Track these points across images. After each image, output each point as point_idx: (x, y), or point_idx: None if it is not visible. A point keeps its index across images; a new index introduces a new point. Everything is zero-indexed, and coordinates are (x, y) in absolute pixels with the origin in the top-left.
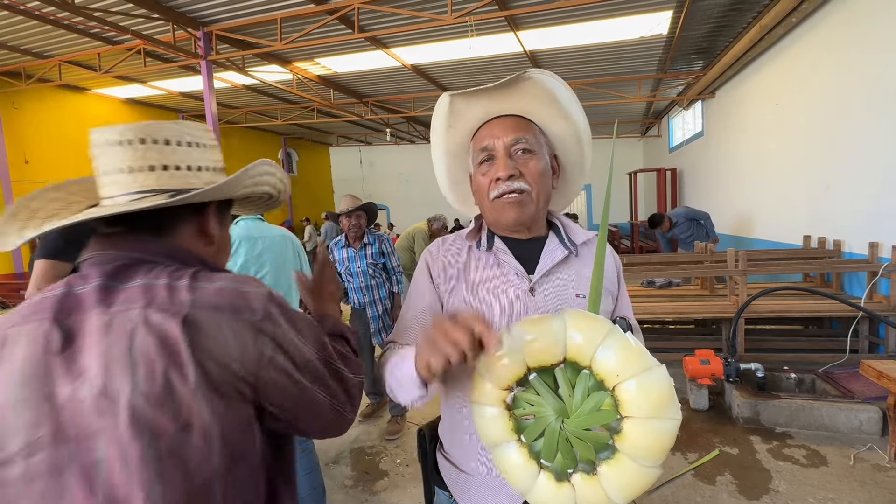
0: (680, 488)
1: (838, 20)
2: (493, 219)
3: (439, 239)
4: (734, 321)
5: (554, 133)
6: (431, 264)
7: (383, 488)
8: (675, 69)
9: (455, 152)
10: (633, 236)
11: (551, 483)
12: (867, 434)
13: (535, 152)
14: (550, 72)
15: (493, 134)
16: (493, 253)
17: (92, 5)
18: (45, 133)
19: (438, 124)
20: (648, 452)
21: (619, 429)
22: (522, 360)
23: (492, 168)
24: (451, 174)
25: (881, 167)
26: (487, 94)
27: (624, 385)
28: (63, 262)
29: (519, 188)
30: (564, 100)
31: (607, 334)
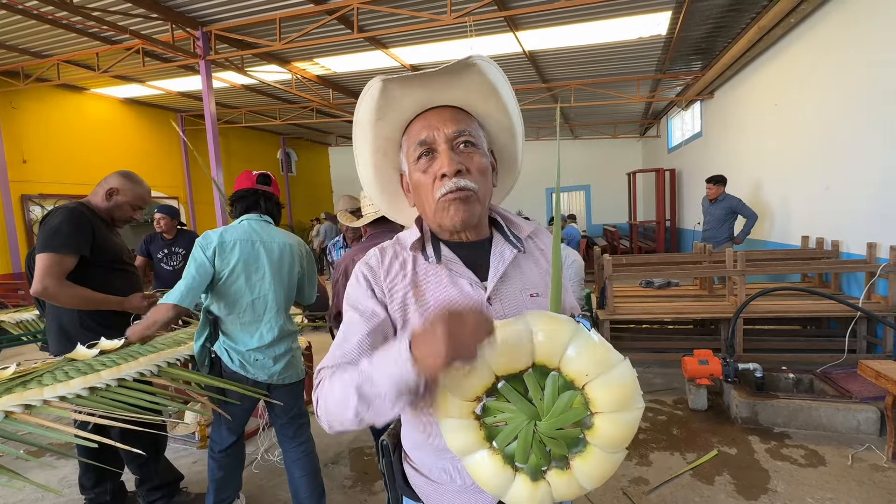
0: (678, 488)
1: (837, 21)
2: (437, 221)
3: (376, 249)
4: (733, 321)
5: (492, 126)
6: (374, 280)
7: (382, 488)
8: (673, 70)
9: (384, 148)
10: (631, 237)
11: (527, 484)
12: (865, 434)
13: (478, 146)
14: (490, 59)
15: (432, 125)
16: (443, 264)
17: (90, 5)
18: (44, 133)
19: (364, 115)
20: (617, 442)
21: (589, 424)
22: (489, 370)
23: (434, 163)
24: (380, 173)
25: (879, 168)
26: (426, 80)
27: (593, 383)
28: (68, 255)
29: (466, 186)
30: (504, 93)
31: (573, 335)
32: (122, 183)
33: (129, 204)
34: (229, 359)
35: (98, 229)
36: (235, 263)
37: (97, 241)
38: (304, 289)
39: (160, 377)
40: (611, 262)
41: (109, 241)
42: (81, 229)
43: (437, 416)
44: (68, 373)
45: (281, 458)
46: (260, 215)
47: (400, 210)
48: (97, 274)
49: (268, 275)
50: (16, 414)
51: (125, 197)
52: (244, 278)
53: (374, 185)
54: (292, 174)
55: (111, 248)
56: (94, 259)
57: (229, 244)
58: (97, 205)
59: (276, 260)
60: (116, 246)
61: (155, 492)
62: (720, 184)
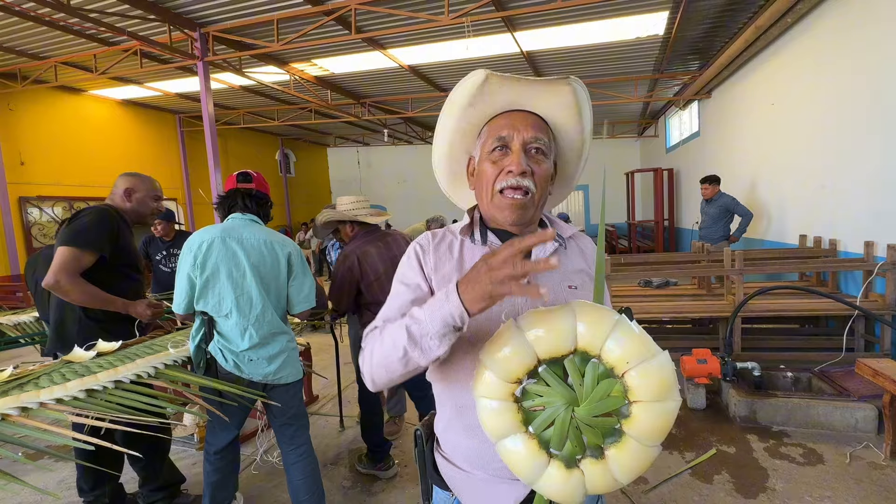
0: (677, 487)
1: (833, 20)
2: (491, 214)
3: (429, 233)
4: (731, 320)
5: (564, 142)
6: (423, 257)
7: (381, 489)
8: (671, 69)
9: (465, 131)
10: (630, 236)
11: (561, 471)
12: (863, 432)
13: (547, 155)
14: (583, 84)
15: (514, 125)
16: (488, 247)
17: (88, 6)
18: (41, 134)
19: (459, 98)
20: (654, 433)
21: (627, 413)
22: (533, 353)
23: (505, 159)
24: (452, 151)
25: (876, 166)
26: (523, 84)
27: (633, 372)
28: (89, 252)
29: (527, 187)
30: (586, 116)
31: (616, 324)
32: (133, 181)
33: (148, 197)
34: (224, 359)
35: (122, 233)
36: (211, 263)
37: (119, 244)
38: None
39: (157, 379)
40: (609, 262)
41: (129, 245)
42: (107, 231)
43: (476, 393)
44: (65, 375)
45: (280, 459)
46: (243, 214)
47: (456, 188)
48: (109, 276)
49: (248, 273)
50: (12, 417)
51: (142, 192)
52: (224, 277)
53: (444, 160)
54: (291, 175)
55: (129, 253)
56: (111, 262)
57: (206, 244)
58: (120, 207)
59: (256, 258)
60: (134, 251)
61: (156, 493)
62: (714, 183)
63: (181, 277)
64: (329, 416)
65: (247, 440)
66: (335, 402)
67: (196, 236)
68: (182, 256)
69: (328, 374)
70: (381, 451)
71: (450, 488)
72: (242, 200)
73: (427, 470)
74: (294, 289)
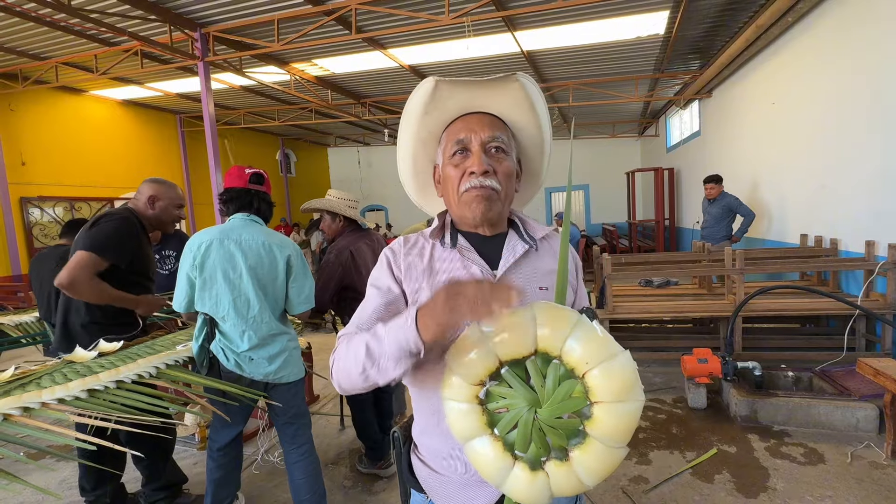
0: (678, 487)
1: (834, 19)
2: (460, 213)
3: (401, 238)
4: (731, 320)
5: (524, 139)
6: (393, 261)
7: (382, 489)
8: (671, 69)
9: (425, 140)
10: (631, 236)
11: (525, 473)
12: (864, 432)
13: (507, 153)
14: (533, 79)
15: (471, 128)
16: (457, 250)
17: (88, 7)
18: (42, 135)
19: (414, 108)
20: (617, 434)
21: (589, 414)
22: (494, 355)
23: (465, 161)
24: (416, 162)
25: (877, 166)
26: (473, 87)
27: (593, 372)
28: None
29: (490, 185)
30: (541, 111)
31: (575, 325)
32: (157, 189)
33: (171, 205)
34: (225, 358)
35: (142, 242)
36: (209, 265)
37: (138, 253)
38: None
39: (159, 379)
40: (610, 262)
41: (147, 255)
42: (129, 241)
43: (443, 395)
44: (67, 375)
45: (281, 458)
46: (248, 215)
47: (426, 197)
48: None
49: (245, 274)
50: (14, 416)
51: (166, 200)
52: (221, 279)
53: (410, 171)
54: (291, 175)
55: (143, 261)
56: (127, 270)
57: (205, 245)
58: (142, 213)
59: (254, 260)
60: (148, 262)
61: (158, 492)
62: (718, 183)
63: (181, 277)
64: (330, 415)
65: (248, 440)
66: (336, 401)
67: (196, 237)
68: (183, 257)
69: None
70: (378, 448)
71: (425, 491)
72: (258, 203)
73: (403, 472)
74: (294, 290)
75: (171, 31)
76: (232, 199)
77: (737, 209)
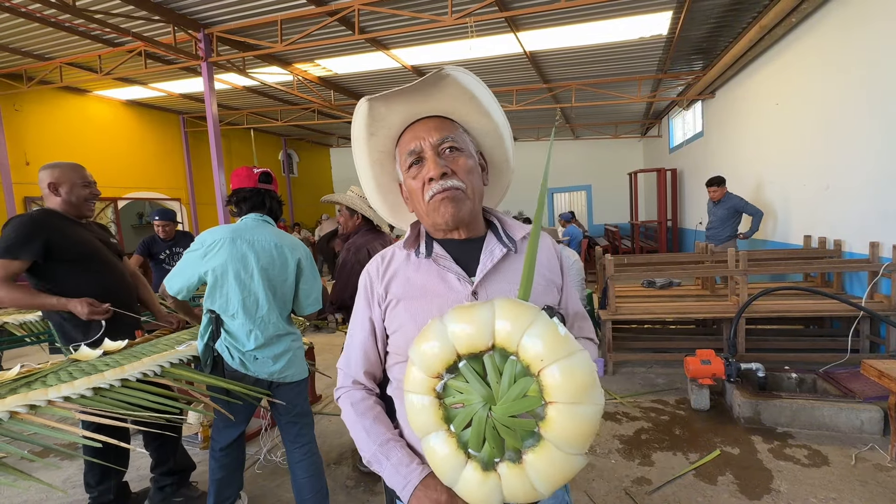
0: (681, 488)
1: (838, 20)
2: (431, 221)
3: (378, 256)
4: (735, 321)
5: (476, 131)
6: (370, 286)
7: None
8: (674, 69)
9: (381, 161)
10: (633, 236)
11: (478, 473)
12: (868, 434)
13: (462, 150)
14: (465, 69)
15: (419, 135)
16: (432, 259)
17: (93, 7)
18: (47, 135)
19: (359, 133)
20: (572, 438)
21: (543, 415)
22: (452, 347)
23: (422, 169)
24: (380, 184)
25: (881, 167)
26: (407, 95)
27: (548, 370)
28: (14, 261)
29: (453, 185)
30: (483, 97)
31: (533, 320)
32: (54, 174)
33: (75, 186)
34: (230, 356)
35: (58, 230)
36: (220, 263)
37: (53, 243)
38: (298, 293)
39: (164, 377)
40: (612, 262)
41: (73, 240)
42: (28, 236)
43: (405, 388)
44: (72, 373)
45: (284, 458)
46: (261, 215)
47: (401, 216)
48: (62, 273)
49: (256, 274)
50: (21, 414)
51: (67, 183)
52: (233, 277)
53: (377, 196)
54: (294, 175)
55: (76, 248)
56: (55, 260)
57: (217, 243)
58: (55, 206)
59: (265, 260)
60: (84, 244)
61: (167, 476)
62: (721, 185)
63: (186, 267)
64: (332, 415)
65: (251, 439)
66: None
67: (208, 234)
68: (192, 247)
69: (331, 374)
70: None
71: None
72: (270, 202)
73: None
74: (303, 292)
75: (174, 32)
76: (244, 199)
77: (743, 209)
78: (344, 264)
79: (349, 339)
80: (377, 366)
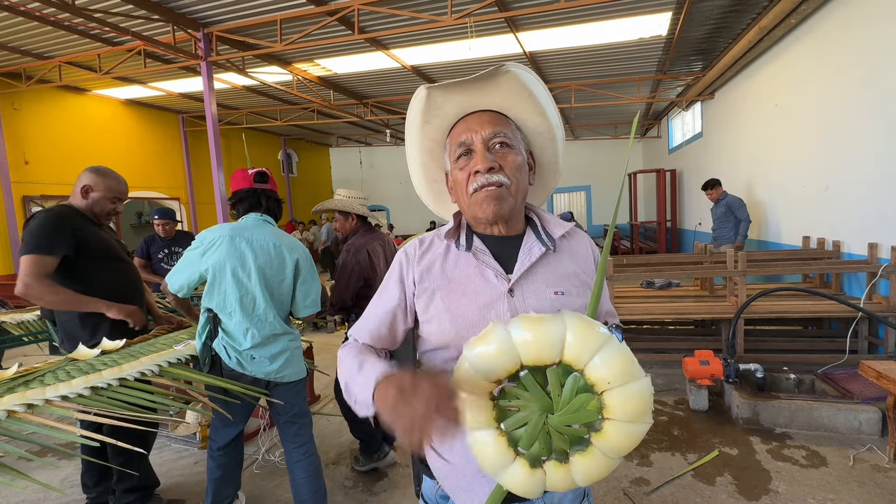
0: (679, 489)
1: (837, 21)
2: (472, 214)
3: (416, 240)
4: (733, 322)
5: (529, 129)
6: (406, 267)
7: (383, 489)
8: (674, 70)
9: (431, 149)
10: (632, 237)
11: (525, 469)
12: (867, 434)
13: (512, 146)
14: (525, 66)
15: (471, 128)
16: (472, 253)
17: (92, 6)
18: (46, 134)
19: (414, 119)
20: (620, 449)
21: (599, 428)
22: (517, 356)
23: (470, 161)
24: (427, 172)
25: (880, 168)
26: (465, 87)
27: (612, 392)
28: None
29: (498, 181)
30: (541, 96)
31: (604, 343)
32: (93, 179)
33: (104, 198)
34: (227, 356)
35: (81, 228)
36: (219, 260)
37: (80, 239)
38: (296, 293)
39: (162, 377)
40: (611, 263)
41: (96, 237)
42: (63, 228)
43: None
44: (70, 372)
45: (282, 458)
46: (261, 214)
47: (444, 205)
48: (87, 270)
49: (254, 273)
50: (18, 413)
51: (99, 192)
52: (230, 275)
53: (423, 182)
54: (293, 175)
55: (98, 245)
56: (81, 256)
57: (216, 241)
58: (77, 204)
59: (263, 259)
60: (105, 242)
61: (129, 494)
62: (715, 187)
63: (187, 264)
64: (331, 415)
65: (249, 439)
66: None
67: (208, 232)
68: (193, 245)
69: (330, 373)
70: (373, 441)
71: (435, 477)
72: (266, 202)
73: (415, 460)
74: (301, 293)
75: (174, 31)
76: (241, 200)
77: (735, 210)
78: (344, 266)
79: (369, 310)
80: (388, 342)
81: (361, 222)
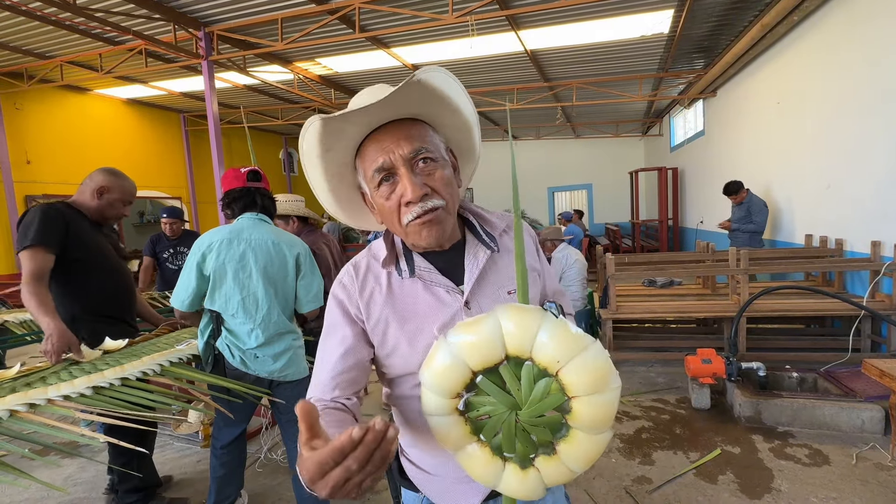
0: (681, 487)
1: (840, 19)
2: (411, 242)
3: (350, 268)
4: (736, 320)
5: (446, 127)
6: (348, 302)
7: (384, 488)
8: (676, 68)
9: (339, 173)
10: (634, 235)
11: (517, 472)
12: (869, 433)
13: (436, 160)
14: (437, 66)
15: (386, 148)
16: (417, 276)
17: (93, 6)
18: (47, 133)
19: (310, 149)
20: (598, 423)
21: (568, 408)
22: (466, 366)
23: (395, 188)
24: (338, 195)
25: (883, 165)
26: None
27: (566, 369)
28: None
29: (433, 206)
30: (455, 94)
31: (541, 324)
32: (110, 180)
33: (119, 200)
34: (231, 355)
35: (75, 226)
36: (218, 264)
37: (72, 237)
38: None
39: (164, 376)
40: (613, 261)
41: (90, 239)
42: (54, 224)
43: (424, 412)
44: (72, 372)
45: (284, 456)
46: (256, 213)
47: (365, 221)
48: (79, 271)
49: (255, 273)
50: (21, 413)
51: (115, 194)
52: (231, 277)
53: (335, 206)
54: (294, 174)
55: (92, 247)
56: (72, 256)
57: (215, 244)
58: (85, 203)
59: (263, 259)
60: (99, 245)
61: (132, 494)
62: (739, 191)
63: (187, 274)
64: None
65: (251, 438)
66: None
67: (206, 237)
68: (191, 255)
69: None
70: None
71: (418, 489)
72: (262, 200)
73: (393, 474)
74: (303, 288)
75: (175, 31)
76: (235, 199)
77: (753, 212)
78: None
79: (322, 360)
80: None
81: (303, 224)
